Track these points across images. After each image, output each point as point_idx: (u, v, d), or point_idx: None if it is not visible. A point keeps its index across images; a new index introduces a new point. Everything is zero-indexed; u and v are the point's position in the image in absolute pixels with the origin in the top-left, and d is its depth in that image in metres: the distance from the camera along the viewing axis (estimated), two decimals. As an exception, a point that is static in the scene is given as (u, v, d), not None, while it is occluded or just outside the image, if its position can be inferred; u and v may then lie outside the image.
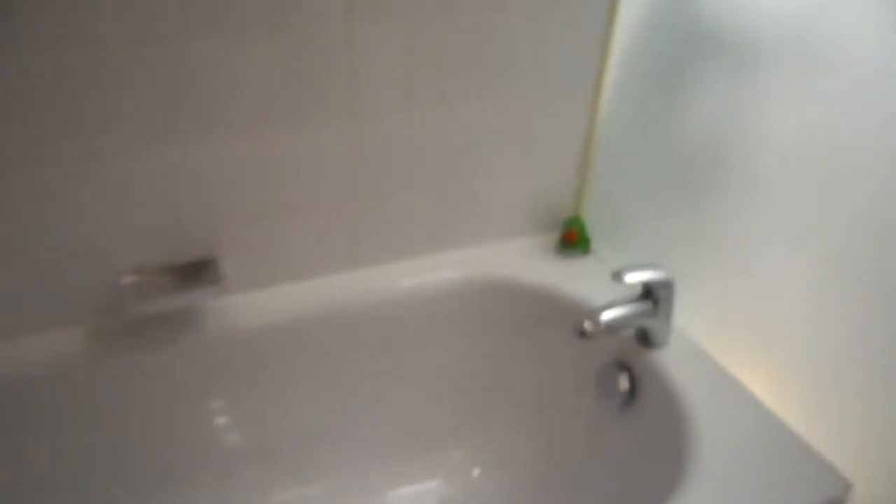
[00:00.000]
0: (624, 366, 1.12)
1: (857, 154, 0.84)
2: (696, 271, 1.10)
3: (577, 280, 1.26)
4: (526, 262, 1.31)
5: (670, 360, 1.07)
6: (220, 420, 1.21)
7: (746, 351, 1.05)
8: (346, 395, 1.29)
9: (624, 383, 1.10)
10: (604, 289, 1.22)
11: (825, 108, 0.86)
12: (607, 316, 1.00)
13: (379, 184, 1.17)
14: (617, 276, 0.98)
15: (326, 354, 1.24)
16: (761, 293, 1.00)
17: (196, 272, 1.06)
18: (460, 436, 1.36)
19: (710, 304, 1.09)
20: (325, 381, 1.26)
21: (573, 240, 1.31)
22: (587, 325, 0.99)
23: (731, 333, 1.07)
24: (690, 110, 1.06)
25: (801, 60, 0.88)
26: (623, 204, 1.26)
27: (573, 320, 1.20)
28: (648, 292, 1.03)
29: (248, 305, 1.17)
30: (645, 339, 1.08)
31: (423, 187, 1.21)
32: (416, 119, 1.13)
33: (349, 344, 1.25)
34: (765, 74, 0.93)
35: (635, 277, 0.99)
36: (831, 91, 0.85)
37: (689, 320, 1.13)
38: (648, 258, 1.21)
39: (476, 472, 1.35)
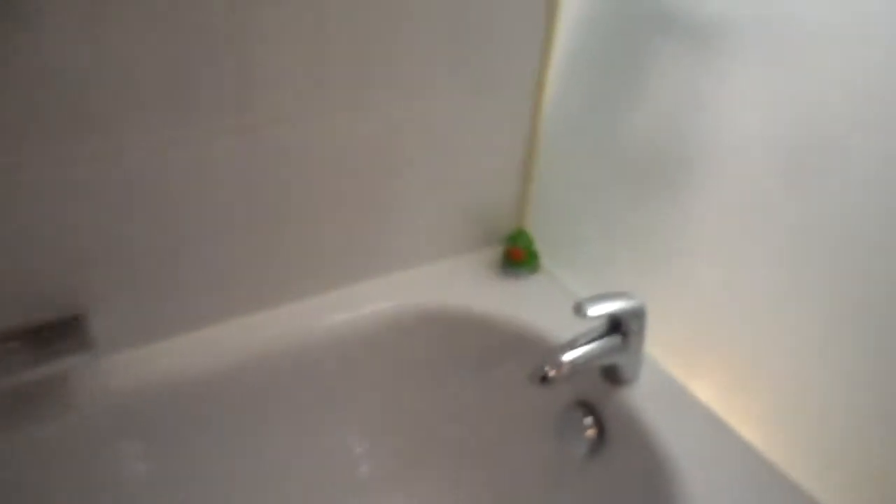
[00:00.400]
0: (588, 406, 0.96)
1: (834, 145, 0.71)
2: (661, 286, 0.96)
3: (528, 304, 1.09)
4: (466, 285, 1.13)
5: (642, 397, 0.92)
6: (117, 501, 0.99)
7: (726, 380, 0.91)
8: (264, 457, 1.09)
9: (590, 428, 0.94)
10: (560, 313, 1.06)
11: (798, 95, 0.73)
12: (571, 357, 0.84)
13: (286, 204, 0.97)
14: (579, 310, 0.82)
15: (238, 412, 1.03)
16: (738, 310, 0.86)
17: (57, 334, 0.84)
18: (398, 494, 1.18)
19: (681, 325, 0.95)
20: (239, 443, 1.06)
21: (519, 257, 1.14)
22: (548, 370, 0.82)
23: (708, 359, 0.93)
24: (648, 102, 0.91)
25: (770, 41, 0.75)
26: (574, 212, 1.10)
27: (529, 359, 1.03)
28: (617, 324, 0.87)
29: (134, 364, 0.95)
30: (612, 375, 0.93)
31: (340, 205, 1.02)
32: (328, 125, 0.94)
33: (265, 397, 1.05)
34: (729, 59, 0.80)
35: (600, 310, 0.83)
36: (803, 75, 0.72)
37: (657, 346, 0.98)
38: (606, 275, 1.06)
39: (421, 532, 1.17)
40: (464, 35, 0.97)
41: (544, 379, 0.82)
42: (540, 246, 1.17)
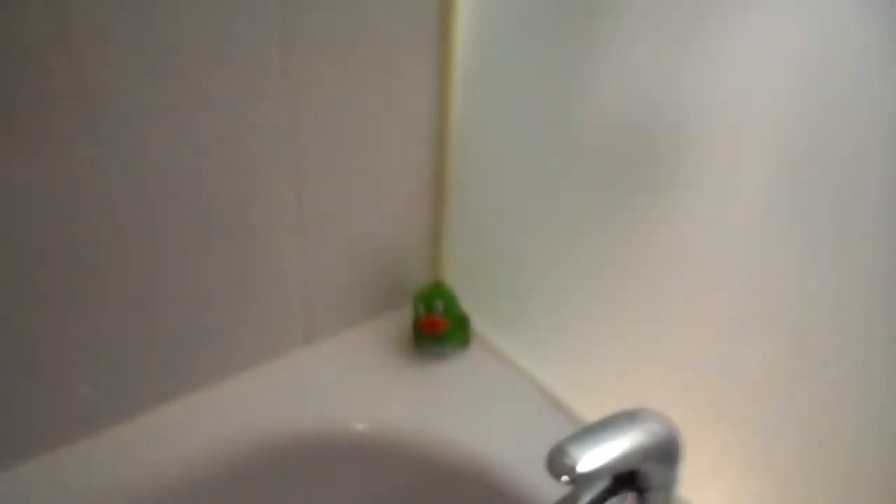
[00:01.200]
0: None
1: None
2: (648, 341, 0.61)
3: (460, 406, 0.68)
4: (360, 381, 0.71)
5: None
6: None
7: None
8: None
9: None
10: (512, 415, 0.66)
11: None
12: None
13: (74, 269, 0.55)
14: (558, 467, 0.41)
15: None
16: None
17: None
18: None
19: (703, 418, 0.58)
20: None
21: (438, 328, 0.72)
22: None
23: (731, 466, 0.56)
24: (600, 73, 0.58)
25: None
26: (511, 246, 0.72)
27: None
28: (630, 474, 0.47)
29: None
30: (623, 549, 0.52)
31: (153, 262, 0.60)
32: (154, 143, 0.53)
33: None
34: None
35: (597, 459, 0.42)
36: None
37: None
38: (568, 338, 0.69)
39: None
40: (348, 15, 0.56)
41: None
42: (468, 303, 0.76)
